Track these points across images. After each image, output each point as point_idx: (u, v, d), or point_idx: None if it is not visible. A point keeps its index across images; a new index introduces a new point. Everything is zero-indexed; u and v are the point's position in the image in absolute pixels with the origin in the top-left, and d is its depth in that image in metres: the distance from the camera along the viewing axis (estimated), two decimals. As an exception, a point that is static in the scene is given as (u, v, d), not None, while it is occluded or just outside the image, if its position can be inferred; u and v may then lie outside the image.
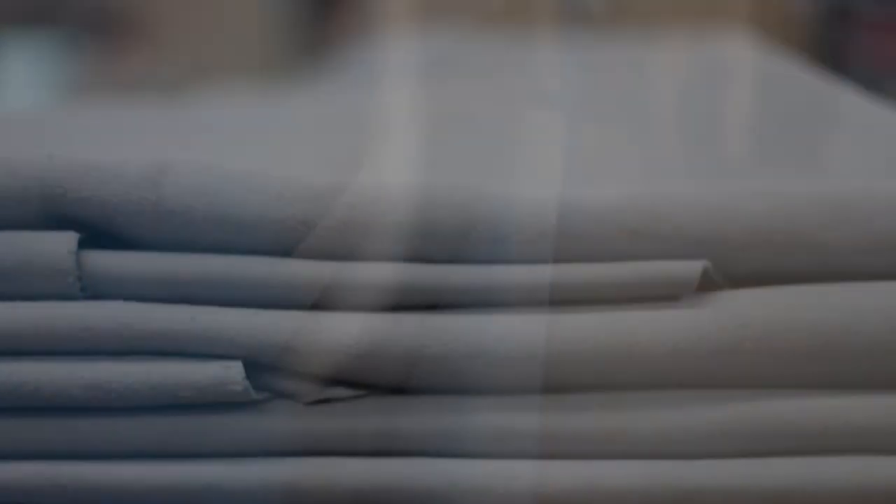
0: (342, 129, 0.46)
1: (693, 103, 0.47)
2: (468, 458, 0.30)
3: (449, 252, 0.31)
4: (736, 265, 0.31)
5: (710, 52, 0.52)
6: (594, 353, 0.30)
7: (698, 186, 0.31)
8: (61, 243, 0.30)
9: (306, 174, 0.31)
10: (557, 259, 0.31)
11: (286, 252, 0.31)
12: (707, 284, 0.31)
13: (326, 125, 0.47)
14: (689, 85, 0.48)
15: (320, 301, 0.30)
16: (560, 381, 0.30)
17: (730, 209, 0.31)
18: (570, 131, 0.43)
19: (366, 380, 0.30)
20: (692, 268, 0.30)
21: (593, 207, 0.30)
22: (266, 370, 0.30)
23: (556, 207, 0.30)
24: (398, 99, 0.50)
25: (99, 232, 0.31)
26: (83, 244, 0.30)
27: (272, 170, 0.31)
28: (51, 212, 0.30)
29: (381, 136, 0.43)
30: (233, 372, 0.30)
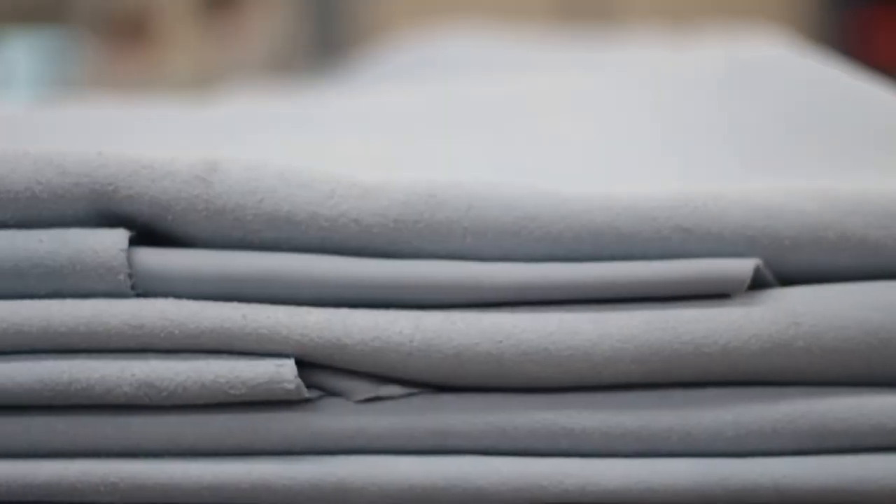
0: (379, 128, 0.46)
1: (729, 102, 0.47)
2: (519, 457, 0.30)
3: (500, 250, 0.31)
4: (787, 263, 0.31)
5: (741, 50, 0.52)
6: (645, 351, 0.30)
7: (750, 185, 0.31)
8: (112, 241, 0.30)
9: (355, 172, 0.31)
10: (609, 257, 0.31)
11: (338, 250, 0.31)
12: (758, 283, 0.31)
13: (361, 124, 0.47)
14: (723, 83, 0.48)
15: (372, 299, 0.30)
16: (611, 378, 0.30)
17: (781, 207, 0.31)
18: (605, 131, 0.43)
19: (417, 378, 0.30)
20: (744, 266, 0.30)
21: (645, 205, 0.30)
22: (318, 368, 0.30)
23: (607, 205, 0.30)
24: (431, 96, 0.50)
25: (149, 229, 0.31)
26: (133, 242, 0.30)
27: (321, 167, 0.31)
28: (101, 209, 0.30)
29: (419, 135, 0.43)
30: (285, 370, 0.30)
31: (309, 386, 0.30)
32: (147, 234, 0.31)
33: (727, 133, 0.44)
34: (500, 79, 0.53)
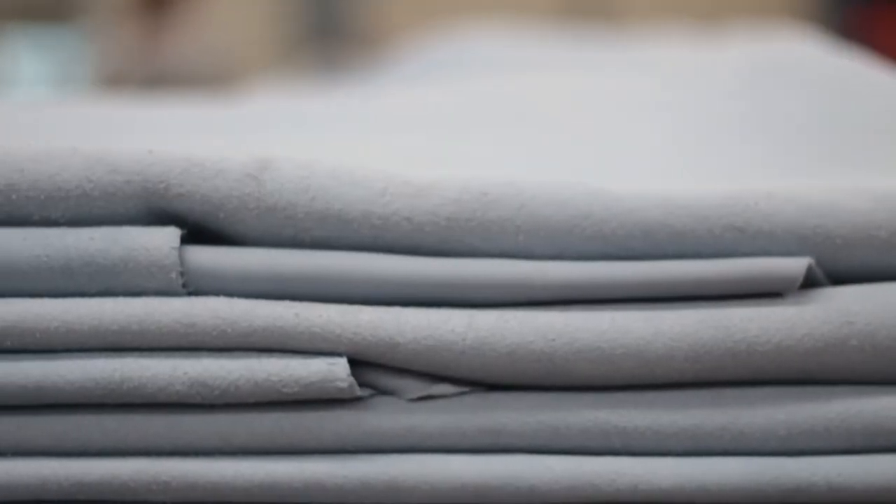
0: (386, 128, 0.46)
1: (750, 101, 0.47)
2: (571, 455, 0.30)
3: (552, 248, 0.30)
4: (838, 262, 0.31)
5: (762, 48, 0.52)
6: (698, 349, 0.30)
7: (801, 183, 0.31)
8: (163, 239, 0.30)
9: (406, 170, 0.31)
10: (661, 255, 0.30)
11: (390, 248, 0.30)
12: (810, 281, 0.31)
13: (364, 123, 0.47)
14: (745, 82, 0.48)
15: (425, 297, 0.30)
16: (664, 377, 0.30)
17: (833, 206, 0.31)
18: (643, 131, 0.43)
19: (470, 376, 0.30)
20: (796, 265, 0.30)
21: (698, 204, 0.30)
22: (370, 367, 0.30)
23: (660, 204, 0.30)
24: (468, 94, 0.50)
25: (200, 228, 0.31)
26: (184, 240, 0.30)
27: (372, 166, 0.31)
28: (152, 207, 0.30)
29: (462, 133, 0.43)
30: (337, 368, 0.30)
31: (361, 384, 0.30)
32: (197, 232, 0.31)
33: (748, 132, 0.44)
34: (519, 78, 0.53)
